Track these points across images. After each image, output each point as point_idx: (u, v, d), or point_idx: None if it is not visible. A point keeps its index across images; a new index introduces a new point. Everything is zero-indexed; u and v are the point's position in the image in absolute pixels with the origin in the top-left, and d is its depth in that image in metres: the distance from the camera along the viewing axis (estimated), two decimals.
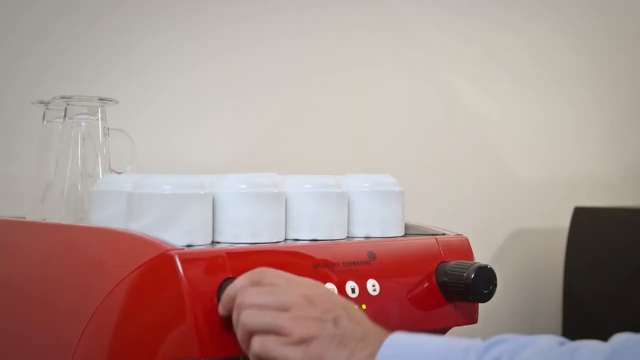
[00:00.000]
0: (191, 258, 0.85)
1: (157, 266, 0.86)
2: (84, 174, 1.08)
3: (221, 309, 0.84)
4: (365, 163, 1.62)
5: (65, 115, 1.09)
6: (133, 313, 0.88)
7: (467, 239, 1.08)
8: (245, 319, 0.81)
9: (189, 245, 0.89)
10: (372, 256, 0.98)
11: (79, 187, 1.08)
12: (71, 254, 0.96)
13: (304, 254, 0.94)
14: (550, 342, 0.78)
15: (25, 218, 1.13)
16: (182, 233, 0.90)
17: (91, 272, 0.92)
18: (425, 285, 1.01)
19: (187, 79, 1.45)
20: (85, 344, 0.91)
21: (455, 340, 0.80)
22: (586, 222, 1.83)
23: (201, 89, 1.47)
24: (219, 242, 0.94)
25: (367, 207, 1.04)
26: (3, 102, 1.29)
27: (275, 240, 0.95)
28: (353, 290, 0.95)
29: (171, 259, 0.85)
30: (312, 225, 0.99)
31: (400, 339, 0.80)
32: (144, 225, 0.90)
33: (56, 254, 0.99)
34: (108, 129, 1.11)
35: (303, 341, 0.80)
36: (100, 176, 1.07)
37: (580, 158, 2.07)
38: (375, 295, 0.96)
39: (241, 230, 0.93)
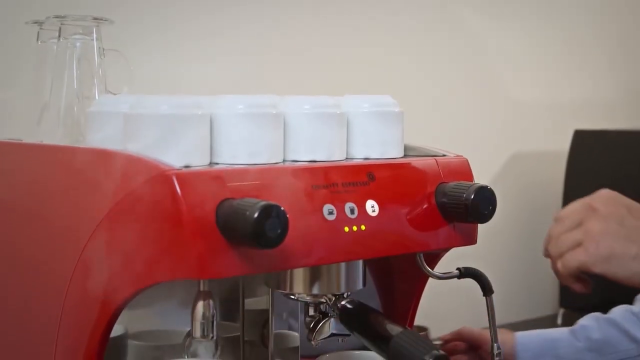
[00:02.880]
0: (189, 178, 0.85)
1: (154, 187, 0.85)
2: (80, 95, 1.07)
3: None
4: (365, 85, 1.61)
5: (59, 36, 1.08)
6: (131, 234, 0.87)
7: (467, 160, 1.07)
8: (551, 250, 0.98)
9: (186, 166, 0.88)
10: (371, 177, 0.98)
11: (75, 109, 1.07)
12: (68, 175, 0.96)
13: (302, 175, 0.93)
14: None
15: (21, 140, 1.12)
16: (179, 154, 0.89)
17: (88, 194, 0.91)
18: (424, 206, 1.01)
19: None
20: (82, 266, 0.91)
21: None
22: (586, 145, 1.83)
23: (198, 10, 1.45)
24: (217, 163, 0.93)
25: (366, 128, 1.03)
26: None
27: (273, 161, 0.94)
28: (352, 211, 0.94)
29: (169, 180, 0.84)
30: (310, 146, 0.98)
31: None
32: (141, 146, 0.89)
33: (53, 175, 0.98)
34: (104, 49, 1.09)
35: (594, 245, 0.92)
36: (97, 97, 1.06)
37: (580, 81, 2.06)
38: (374, 216, 0.96)
39: (239, 150, 0.93)
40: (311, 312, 1.03)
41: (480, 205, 0.99)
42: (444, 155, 1.07)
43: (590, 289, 1.00)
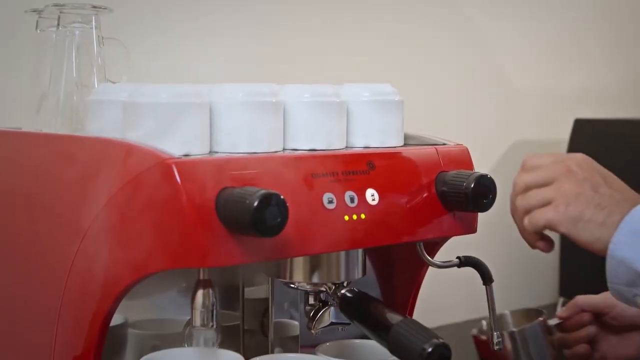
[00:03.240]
0: (189, 167, 0.85)
1: (154, 176, 0.85)
2: (79, 84, 1.07)
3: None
4: (364, 74, 1.61)
5: (58, 24, 1.07)
6: (130, 223, 0.87)
7: (467, 149, 1.07)
8: (517, 203, 0.97)
9: (186, 155, 0.88)
10: (371, 166, 0.97)
11: (75, 97, 1.06)
12: (67, 164, 0.95)
13: (302, 163, 0.93)
14: None
15: (20, 129, 1.12)
16: (179, 142, 0.88)
17: (87, 182, 0.91)
18: (424, 195, 1.01)
19: None
20: (82, 254, 0.91)
21: None
22: (586, 134, 1.82)
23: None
24: (216, 152, 0.93)
25: (366, 117, 1.03)
26: None
27: (273, 150, 0.94)
28: (352, 200, 0.94)
29: (169, 168, 0.84)
30: (310, 135, 0.98)
31: None
32: (140, 134, 0.89)
33: (52, 164, 0.98)
34: (103, 38, 1.09)
35: (564, 205, 0.92)
36: (96, 86, 1.06)
37: (580, 70, 2.06)
38: (374, 205, 0.96)
39: (239, 139, 0.92)
40: (311, 300, 1.03)
41: (480, 194, 0.99)
42: (444, 144, 1.06)
43: (551, 248, 0.99)
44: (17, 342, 1.01)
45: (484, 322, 1.11)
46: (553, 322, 1.11)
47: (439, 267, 1.07)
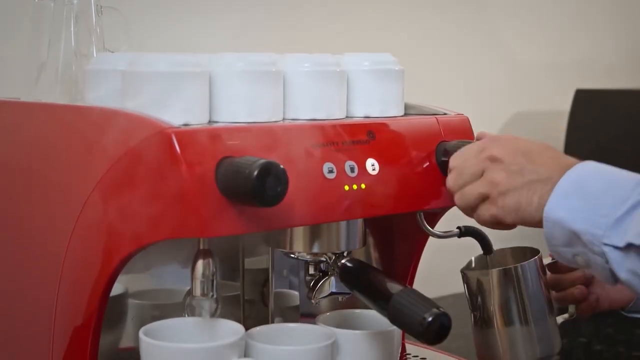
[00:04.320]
0: (188, 136, 0.84)
1: (153, 145, 0.85)
2: (78, 53, 1.06)
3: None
4: (365, 43, 1.60)
5: None
6: (130, 193, 0.87)
7: (468, 119, 1.07)
8: (459, 204, 0.97)
9: (185, 124, 0.88)
10: (371, 135, 0.97)
11: (73, 67, 1.06)
12: (66, 134, 0.95)
13: (302, 133, 0.93)
14: None
15: (19, 99, 1.11)
16: (178, 112, 0.88)
17: (87, 152, 0.91)
18: (424, 165, 1.00)
19: None
20: (82, 224, 0.91)
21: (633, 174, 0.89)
22: (587, 104, 1.82)
23: None
24: (216, 122, 0.92)
25: (366, 86, 1.02)
26: None
27: (273, 120, 0.94)
28: (352, 169, 0.94)
29: (168, 138, 0.84)
30: (310, 105, 0.98)
31: (582, 168, 0.90)
32: (139, 104, 0.88)
33: (51, 134, 0.97)
34: (101, 7, 1.08)
35: (501, 198, 0.93)
36: (94, 55, 1.05)
37: (582, 40, 2.05)
38: (375, 175, 0.95)
39: (239, 109, 0.92)
40: (311, 270, 1.03)
41: None
42: (445, 114, 1.06)
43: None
44: (17, 312, 1.01)
45: (473, 259, 1.10)
46: (546, 261, 1.10)
47: (439, 237, 1.07)
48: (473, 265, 1.11)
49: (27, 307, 0.99)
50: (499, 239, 1.11)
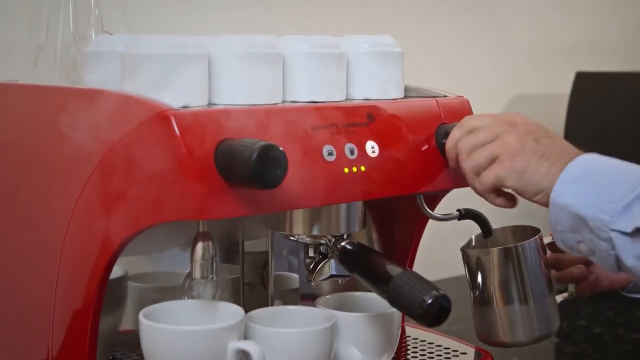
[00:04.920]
0: (187, 118, 0.84)
1: (152, 127, 0.84)
2: (76, 36, 1.06)
3: (450, 162, 0.99)
4: (364, 26, 1.59)
5: None
6: (129, 175, 0.87)
7: (468, 101, 1.07)
8: (465, 166, 0.96)
9: (184, 107, 0.87)
10: (371, 117, 0.97)
11: (72, 50, 1.06)
12: (65, 116, 0.95)
13: (302, 115, 0.92)
14: None
15: (18, 82, 1.11)
16: (177, 94, 0.88)
17: (86, 135, 0.91)
18: (424, 147, 1.00)
19: None
20: (81, 207, 0.91)
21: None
22: (588, 87, 1.81)
23: None
24: (215, 104, 0.92)
25: (366, 69, 1.02)
26: None
27: (272, 102, 0.94)
28: (352, 152, 0.94)
29: (167, 120, 0.83)
30: (310, 87, 0.97)
31: (590, 158, 0.91)
32: (138, 86, 0.88)
33: (50, 117, 0.97)
34: None
35: (510, 159, 0.93)
36: (93, 38, 1.05)
37: (582, 23, 2.04)
38: (374, 157, 0.95)
39: (238, 91, 0.92)
40: (311, 253, 1.03)
41: None
42: (445, 96, 1.06)
43: (513, 203, 0.98)
44: (17, 294, 1.01)
45: (473, 237, 1.10)
46: (547, 240, 1.10)
47: (439, 219, 1.07)
48: (473, 243, 1.10)
49: (27, 290, 0.99)
50: (502, 217, 1.11)
